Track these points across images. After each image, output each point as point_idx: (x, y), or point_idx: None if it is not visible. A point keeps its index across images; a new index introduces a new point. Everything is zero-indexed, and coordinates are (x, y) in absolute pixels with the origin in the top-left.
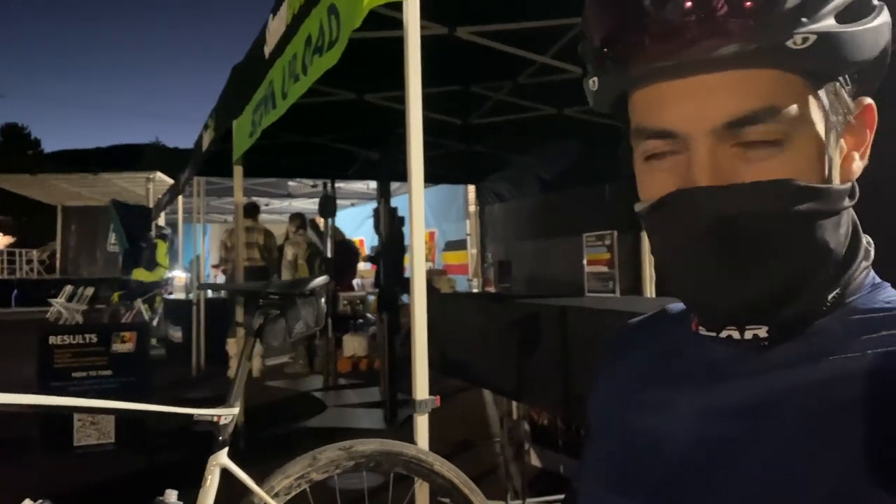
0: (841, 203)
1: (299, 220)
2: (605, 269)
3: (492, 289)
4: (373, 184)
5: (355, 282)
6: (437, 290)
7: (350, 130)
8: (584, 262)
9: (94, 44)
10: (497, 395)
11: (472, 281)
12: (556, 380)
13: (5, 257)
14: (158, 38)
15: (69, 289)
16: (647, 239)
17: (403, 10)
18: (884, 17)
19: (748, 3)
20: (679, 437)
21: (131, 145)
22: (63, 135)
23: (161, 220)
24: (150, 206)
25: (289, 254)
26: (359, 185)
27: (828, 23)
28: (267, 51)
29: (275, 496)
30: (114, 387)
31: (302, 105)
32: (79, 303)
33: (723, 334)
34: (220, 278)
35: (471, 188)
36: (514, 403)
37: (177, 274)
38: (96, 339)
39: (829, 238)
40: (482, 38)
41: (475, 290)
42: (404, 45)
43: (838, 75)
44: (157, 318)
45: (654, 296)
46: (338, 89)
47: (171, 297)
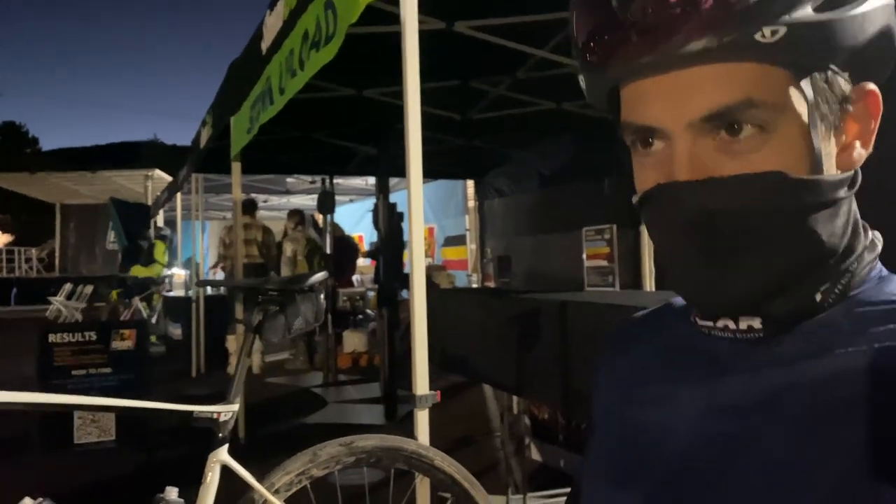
0: (834, 193)
1: (298, 217)
2: (604, 263)
3: (491, 284)
4: (371, 180)
5: (355, 278)
6: (437, 286)
7: (348, 126)
8: (584, 256)
9: (90, 41)
10: (497, 390)
11: (471, 276)
12: (556, 374)
13: (4, 256)
14: (155, 35)
15: (68, 287)
16: (646, 233)
17: (401, 4)
18: (876, 1)
19: (709, 1)
20: (681, 432)
21: (129, 143)
22: (61, 133)
23: (160, 219)
24: (149, 203)
25: (288, 250)
26: (357, 181)
27: (802, 13)
28: (264, 47)
29: (275, 492)
30: (113, 384)
31: (300, 101)
32: (78, 301)
33: (719, 324)
34: (220, 275)
35: (470, 183)
36: (515, 398)
37: (176, 271)
38: (96, 337)
39: (821, 229)
40: (480, 32)
41: (475, 286)
42: (402, 39)
43: (823, 65)
44: (155, 316)
45: (654, 290)
46: (336, 85)
47: (171, 294)
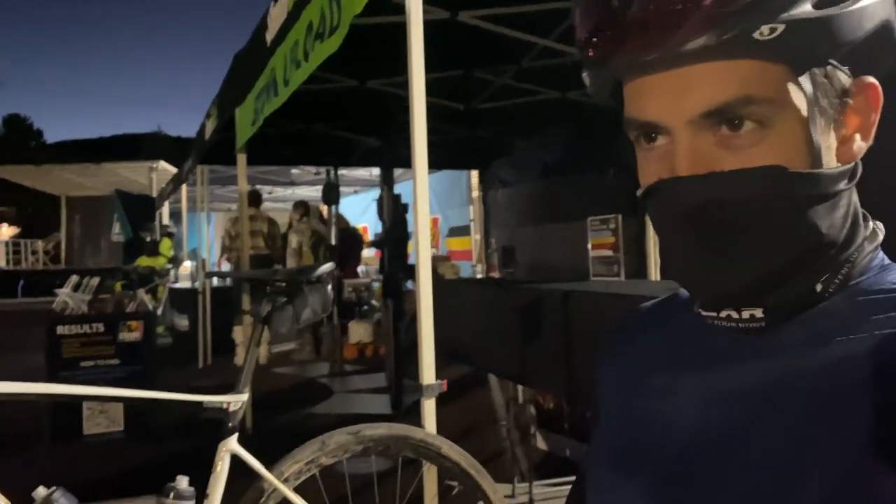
0: (835, 186)
1: (303, 208)
2: (609, 253)
3: (496, 274)
4: (376, 171)
5: (360, 269)
6: (442, 277)
7: (352, 117)
8: (589, 246)
9: (93, 33)
10: (503, 379)
11: (476, 267)
12: (562, 364)
13: (11, 248)
14: (159, 26)
15: (74, 279)
16: (650, 223)
17: None
18: None
19: None
20: (684, 421)
21: (134, 135)
22: (65, 125)
23: (165, 211)
24: (154, 195)
25: (293, 242)
26: (362, 173)
27: (801, 10)
28: (268, 38)
29: (284, 481)
30: (121, 375)
31: (304, 92)
32: (84, 293)
33: (722, 314)
34: (225, 267)
35: (474, 174)
36: (520, 388)
37: (182, 263)
38: (103, 329)
39: (820, 221)
40: (484, 21)
41: (479, 276)
42: (407, 30)
43: (823, 60)
44: (160, 308)
45: (659, 279)
46: (340, 76)
47: (177, 285)
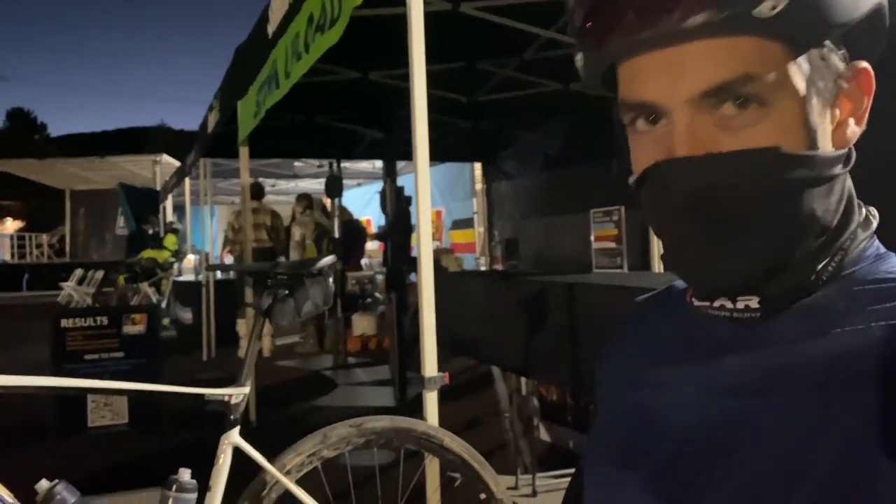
0: (830, 170)
1: (306, 201)
2: (612, 244)
3: (499, 267)
4: (379, 163)
5: (363, 261)
6: (445, 269)
7: (355, 109)
8: (592, 238)
9: (96, 26)
10: (506, 371)
11: (479, 259)
12: (565, 356)
13: (16, 242)
14: (161, 19)
15: (79, 272)
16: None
17: None
18: None
19: None
20: (681, 414)
21: (137, 128)
22: (69, 118)
23: (169, 206)
24: (158, 188)
25: (296, 234)
26: (365, 165)
27: None
28: (270, 30)
29: (287, 473)
30: (125, 368)
31: (306, 84)
32: (89, 286)
33: (716, 304)
34: (228, 260)
35: (477, 166)
36: (523, 380)
37: (186, 256)
38: (107, 322)
39: (817, 206)
40: (486, 12)
41: (483, 269)
42: (408, 21)
43: (820, 40)
44: (164, 301)
45: (661, 271)
46: (341, 68)
47: (181, 279)
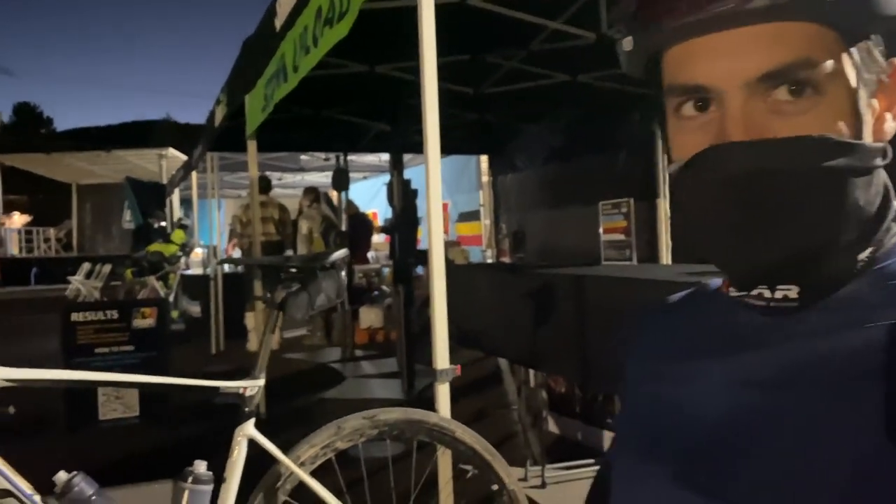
0: (873, 161)
1: (313, 194)
2: (621, 237)
3: (506, 259)
4: (385, 156)
5: (370, 254)
6: (452, 262)
7: (361, 103)
8: (601, 230)
9: (99, 20)
10: (514, 364)
11: (486, 252)
12: (574, 348)
13: (23, 236)
14: (167, 12)
15: (87, 266)
16: (662, 206)
17: None
18: None
19: None
20: (710, 407)
21: (142, 122)
22: (75, 113)
23: (176, 200)
24: (164, 182)
25: (303, 228)
26: (371, 158)
27: None
28: (278, 24)
29: (301, 465)
30: (135, 362)
31: (314, 78)
32: (97, 280)
33: (754, 292)
34: (234, 253)
35: (483, 158)
36: (532, 372)
37: (193, 250)
38: (117, 316)
39: (860, 196)
40: (493, 4)
41: (490, 261)
42: (417, 14)
43: (871, 32)
44: (172, 294)
45: (670, 263)
46: (349, 61)
47: (188, 272)
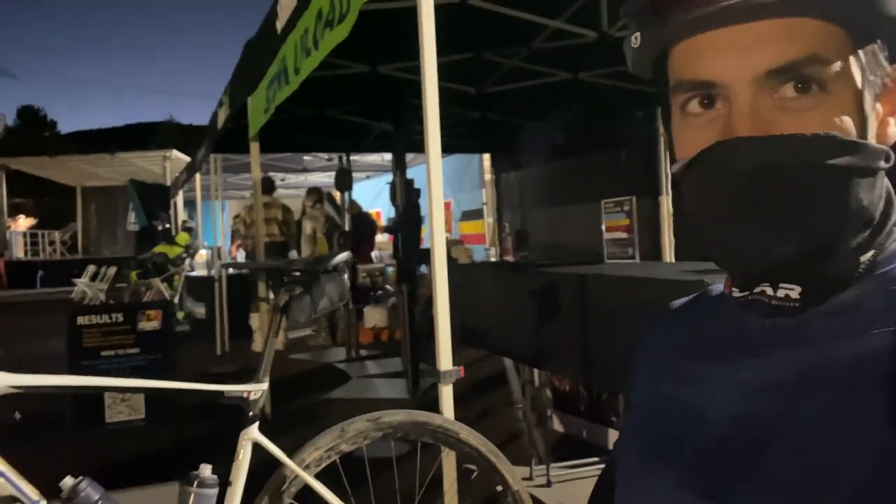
0: (877, 162)
1: (316, 195)
2: (624, 235)
3: (510, 258)
4: (388, 156)
5: (373, 254)
6: (455, 261)
7: (363, 103)
8: (603, 228)
9: (102, 23)
10: (518, 363)
11: (489, 250)
12: (578, 347)
13: (28, 239)
14: (168, 13)
15: (92, 268)
16: (664, 204)
17: None
18: None
19: None
20: (715, 410)
21: (146, 124)
22: (78, 115)
23: (180, 202)
24: (168, 184)
25: (307, 228)
26: (374, 158)
27: None
28: (279, 26)
29: (306, 468)
30: (141, 364)
31: (315, 79)
32: (102, 282)
33: (757, 290)
34: (240, 254)
35: (486, 157)
36: (536, 371)
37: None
38: (123, 318)
39: (863, 196)
40: (494, 4)
41: (493, 260)
42: (418, 14)
43: (878, 32)
44: (177, 296)
45: (673, 261)
46: (350, 62)
47: (193, 274)
